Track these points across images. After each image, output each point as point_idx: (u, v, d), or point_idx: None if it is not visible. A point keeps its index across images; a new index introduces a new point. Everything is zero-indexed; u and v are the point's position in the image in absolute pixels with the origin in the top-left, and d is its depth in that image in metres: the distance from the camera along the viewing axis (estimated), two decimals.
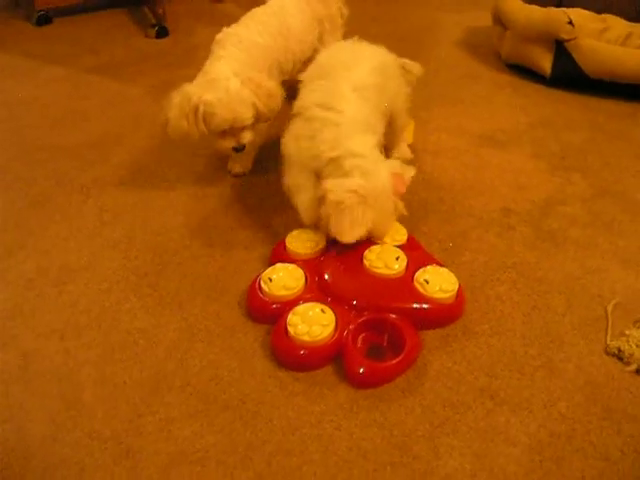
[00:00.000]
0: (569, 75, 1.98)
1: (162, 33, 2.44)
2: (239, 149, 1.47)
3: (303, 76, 1.39)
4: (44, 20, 2.56)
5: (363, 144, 1.21)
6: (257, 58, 1.51)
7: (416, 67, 1.54)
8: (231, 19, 2.67)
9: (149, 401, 1.02)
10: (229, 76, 1.41)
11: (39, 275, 1.28)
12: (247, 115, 1.41)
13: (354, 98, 1.26)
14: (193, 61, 2.24)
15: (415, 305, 1.12)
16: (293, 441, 0.95)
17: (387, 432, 0.96)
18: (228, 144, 1.46)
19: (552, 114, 1.89)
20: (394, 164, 1.25)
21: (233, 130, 1.43)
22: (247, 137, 1.46)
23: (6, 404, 1.02)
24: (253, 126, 1.46)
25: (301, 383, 1.04)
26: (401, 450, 0.94)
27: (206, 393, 1.03)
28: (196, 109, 1.38)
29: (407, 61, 1.52)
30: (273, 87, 1.47)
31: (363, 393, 1.02)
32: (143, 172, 1.63)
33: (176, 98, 1.41)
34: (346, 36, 1.49)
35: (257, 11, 1.63)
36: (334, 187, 1.15)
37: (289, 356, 1.06)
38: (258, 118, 1.45)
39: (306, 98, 1.30)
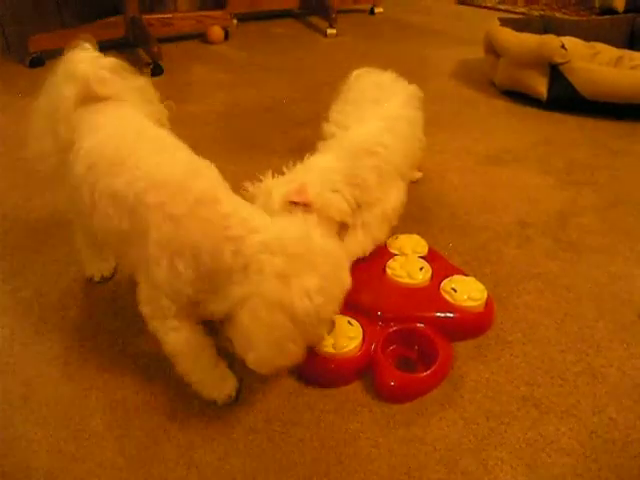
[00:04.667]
0: (565, 97, 2.00)
1: (157, 71, 2.44)
2: None
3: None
4: (37, 62, 2.55)
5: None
6: None
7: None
8: (224, 59, 2.72)
9: (166, 426, 0.92)
10: None
11: (38, 301, 1.20)
12: None
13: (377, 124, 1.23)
14: (190, 96, 2.26)
15: (444, 314, 1.06)
16: (328, 461, 0.86)
17: (430, 447, 0.88)
18: None
19: (553, 134, 1.90)
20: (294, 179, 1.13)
21: None
22: None
23: (8, 437, 0.92)
24: None
25: (331, 400, 0.96)
26: (447, 466, 0.86)
27: (228, 415, 0.94)
28: None
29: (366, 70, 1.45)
30: None
31: (399, 408, 0.95)
32: None
33: None
34: (342, 71, 1.45)
35: None
36: None
37: (314, 371, 0.98)
38: None
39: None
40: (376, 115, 1.25)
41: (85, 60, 1.03)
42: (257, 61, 2.65)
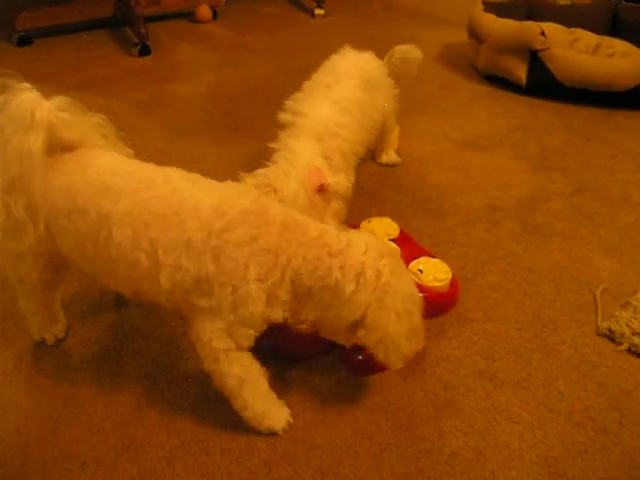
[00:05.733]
0: (544, 83, 2.06)
1: (145, 51, 2.46)
2: None
3: None
4: (25, 41, 2.57)
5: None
6: None
7: (415, 52, 1.52)
8: (212, 39, 2.74)
9: (149, 394, 1.00)
10: None
11: None
12: None
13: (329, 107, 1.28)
14: (177, 77, 2.29)
15: None
16: (297, 428, 0.95)
17: (391, 415, 0.97)
18: None
19: (530, 120, 1.96)
20: (309, 161, 1.18)
21: None
22: None
23: (2, 404, 0.99)
24: None
25: (300, 371, 1.04)
26: (406, 432, 0.94)
27: (207, 385, 1.01)
28: None
29: (404, 49, 1.51)
30: None
31: (364, 380, 1.03)
32: None
33: None
34: (328, 53, 1.48)
35: None
36: None
37: (286, 342, 1.05)
38: None
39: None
40: (328, 99, 1.30)
41: (39, 103, 0.86)
42: (245, 41, 2.67)
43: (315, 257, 0.85)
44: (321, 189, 1.16)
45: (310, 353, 1.06)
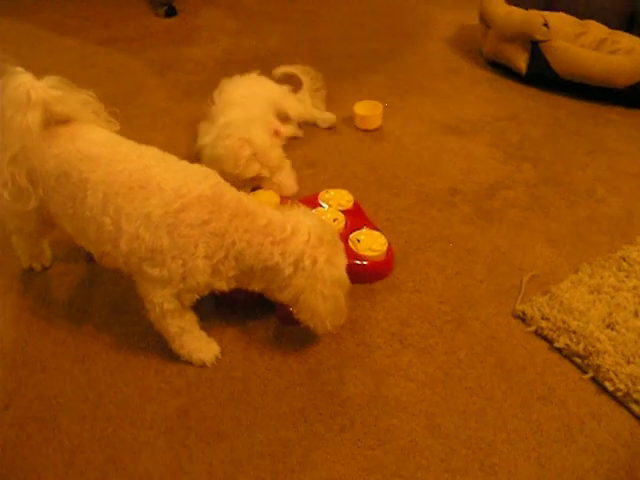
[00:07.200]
0: (542, 74, 2.10)
1: (170, 12, 2.61)
2: None
3: None
4: None
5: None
6: None
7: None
8: (235, 5, 2.85)
9: (109, 320, 1.20)
10: None
11: None
12: None
13: None
14: (195, 40, 2.44)
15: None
16: (224, 362, 1.12)
17: (303, 360, 1.13)
18: None
19: (520, 109, 2.02)
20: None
21: None
22: None
23: None
24: None
25: (238, 318, 1.21)
26: (312, 375, 1.10)
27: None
28: None
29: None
30: None
31: (290, 329, 1.19)
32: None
33: None
34: (343, 28, 1.60)
35: None
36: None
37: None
38: None
39: None
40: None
41: (33, 84, 1.00)
42: (266, 9, 2.77)
43: (258, 243, 1.00)
44: (276, 133, 1.57)
45: (245, 300, 1.23)
